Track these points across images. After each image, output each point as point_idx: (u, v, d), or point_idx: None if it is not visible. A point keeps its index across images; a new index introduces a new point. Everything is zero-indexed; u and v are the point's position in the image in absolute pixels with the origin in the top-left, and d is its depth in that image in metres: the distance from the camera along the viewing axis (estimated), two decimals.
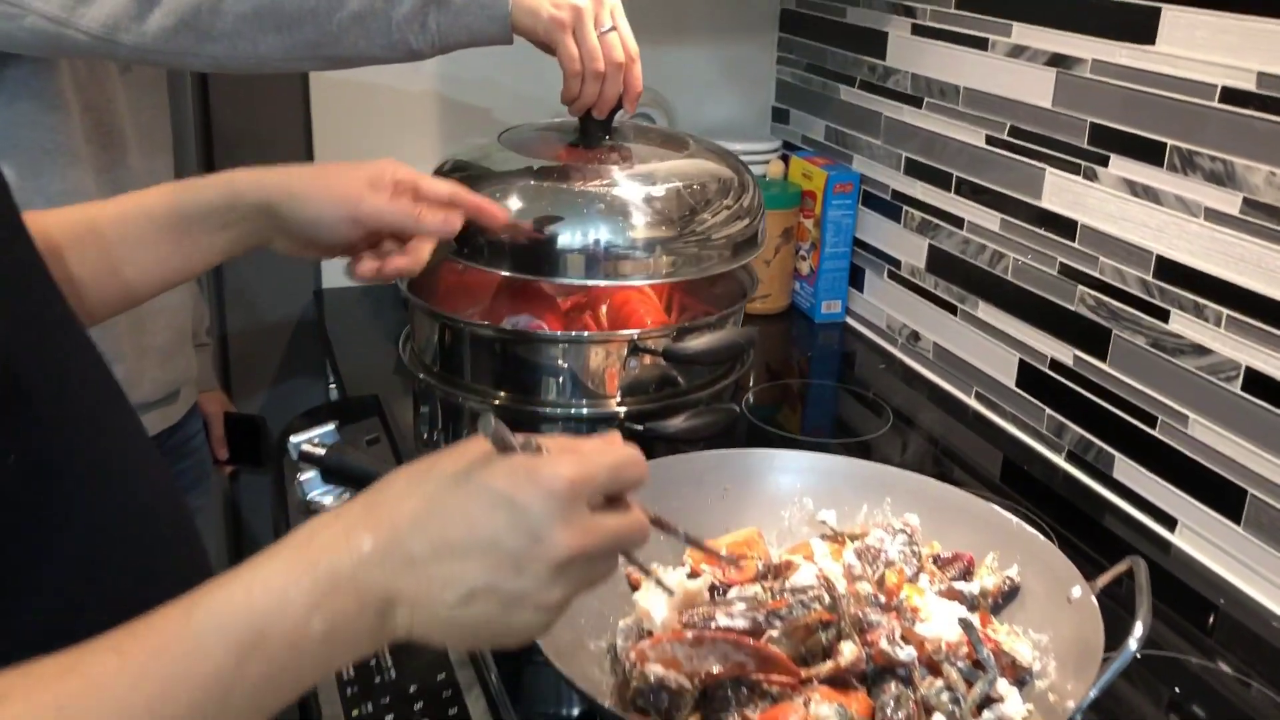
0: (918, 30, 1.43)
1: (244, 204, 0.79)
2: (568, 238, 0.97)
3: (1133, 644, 0.70)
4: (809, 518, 0.97)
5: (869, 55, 1.54)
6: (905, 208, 1.50)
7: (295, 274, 1.72)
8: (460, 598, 0.52)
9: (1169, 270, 1.08)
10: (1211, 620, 1.03)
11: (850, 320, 1.65)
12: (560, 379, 1.00)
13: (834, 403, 1.49)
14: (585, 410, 1.01)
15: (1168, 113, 1.06)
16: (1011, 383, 1.32)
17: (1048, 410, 1.26)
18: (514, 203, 1.00)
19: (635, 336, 0.97)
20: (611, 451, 0.56)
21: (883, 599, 0.83)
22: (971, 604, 0.83)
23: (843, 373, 1.55)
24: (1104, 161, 1.14)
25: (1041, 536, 0.88)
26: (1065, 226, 1.21)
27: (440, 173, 1.10)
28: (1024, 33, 1.24)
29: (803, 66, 1.73)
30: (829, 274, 1.63)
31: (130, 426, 0.65)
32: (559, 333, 0.98)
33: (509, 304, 1.13)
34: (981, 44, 1.30)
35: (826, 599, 0.78)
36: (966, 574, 0.89)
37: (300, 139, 1.66)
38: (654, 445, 1.01)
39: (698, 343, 0.95)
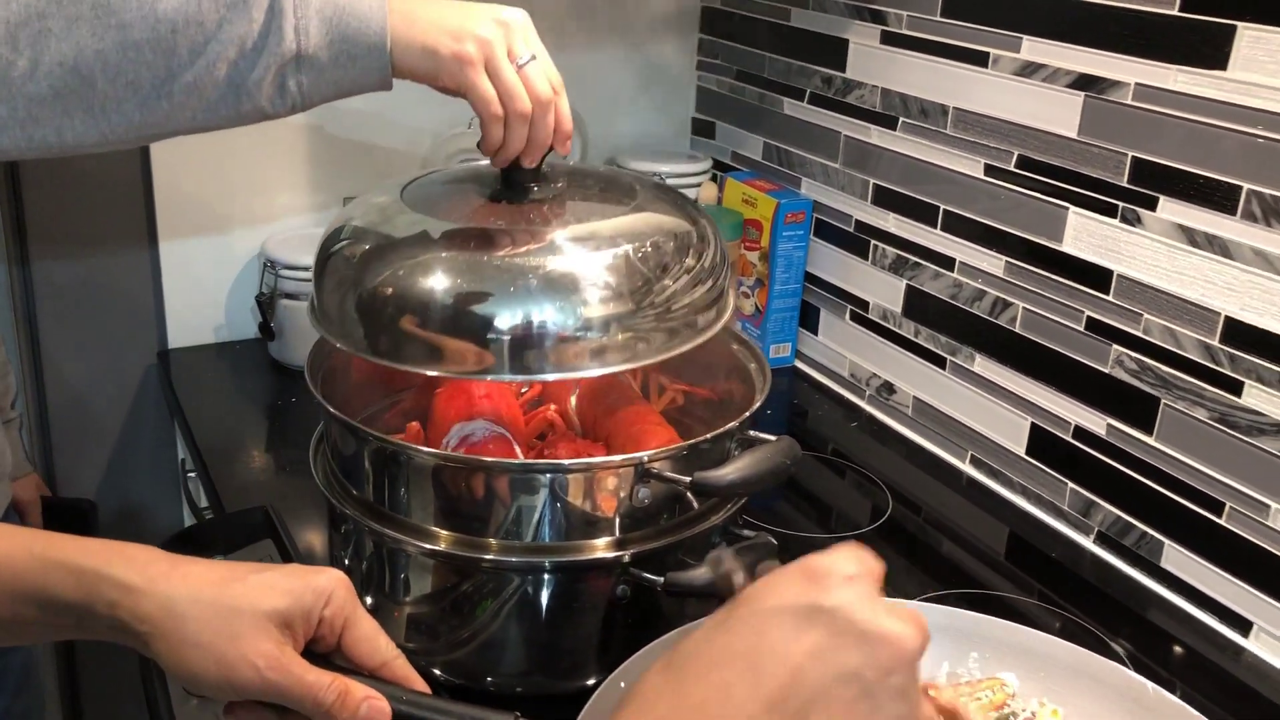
0: (890, 39, 1.23)
1: (104, 621, 0.60)
2: (502, 321, 0.74)
3: None
4: None
5: (822, 65, 1.34)
6: (874, 242, 1.30)
7: (133, 328, 1.40)
8: None
9: (1242, 335, 0.92)
10: None
11: (801, 365, 1.46)
12: (539, 517, 0.76)
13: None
14: (573, 557, 0.77)
15: (1244, 152, 0.89)
16: (1021, 450, 1.15)
17: (1070, 484, 1.10)
18: (437, 281, 0.76)
19: (645, 459, 0.74)
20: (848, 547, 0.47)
21: None
22: None
23: (798, 427, 1.35)
24: (1150, 204, 0.98)
25: (1191, 710, 0.70)
26: (1095, 276, 1.04)
27: (334, 244, 0.84)
28: (1039, 49, 1.06)
29: (731, 74, 1.52)
30: (778, 314, 1.42)
31: None
32: (541, 461, 0.74)
33: (449, 401, 0.87)
34: (979, 59, 1.12)
35: None
36: None
37: (138, 188, 1.35)
38: (677, 604, 0.78)
39: (733, 470, 0.73)
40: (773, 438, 0.79)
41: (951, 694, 0.69)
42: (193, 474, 1.28)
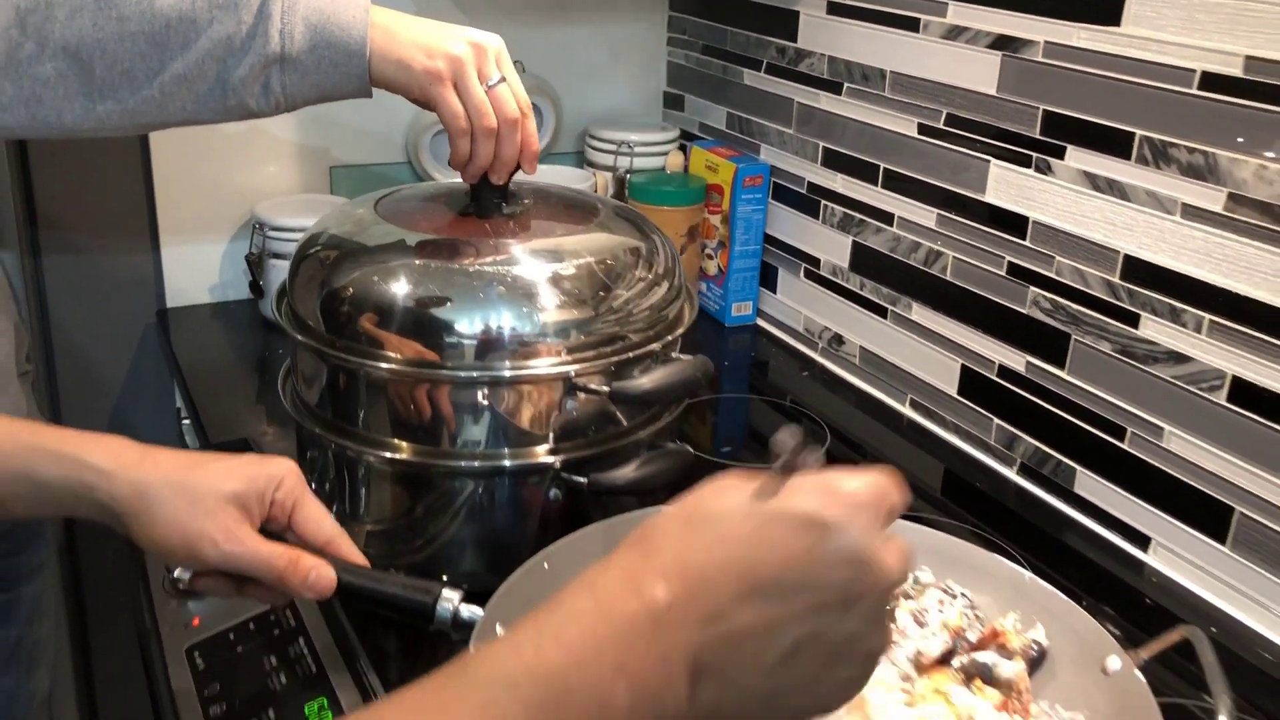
0: (834, 9, 1.31)
1: (83, 500, 0.69)
2: (464, 326, 0.82)
3: None
4: None
5: (777, 36, 1.42)
6: (824, 202, 1.39)
7: (134, 290, 1.49)
8: (781, 655, 0.43)
9: (1139, 271, 0.99)
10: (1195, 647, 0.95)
11: (762, 323, 1.54)
12: (479, 427, 0.85)
13: (749, 414, 1.37)
14: (509, 462, 0.85)
15: (1136, 101, 0.97)
16: (953, 390, 1.23)
17: (996, 420, 1.18)
18: (399, 286, 0.84)
19: (573, 373, 0.83)
20: (879, 474, 0.49)
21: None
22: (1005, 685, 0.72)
23: (757, 380, 1.44)
24: (1059, 153, 1.05)
25: (1061, 595, 0.78)
26: (1014, 223, 1.12)
27: (310, 249, 0.91)
28: (962, 13, 1.13)
29: (698, 48, 1.60)
30: (739, 274, 1.51)
31: None
32: (479, 373, 0.83)
33: None
34: (911, 24, 1.20)
35: None
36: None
37: (136, 155, 1.44)
38: (600, 501, 0.86)
39: (649, 380, 0.81)
40: (689, 357, 0.87)
41: None
42: (187, 421, 1.37)
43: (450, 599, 0.70)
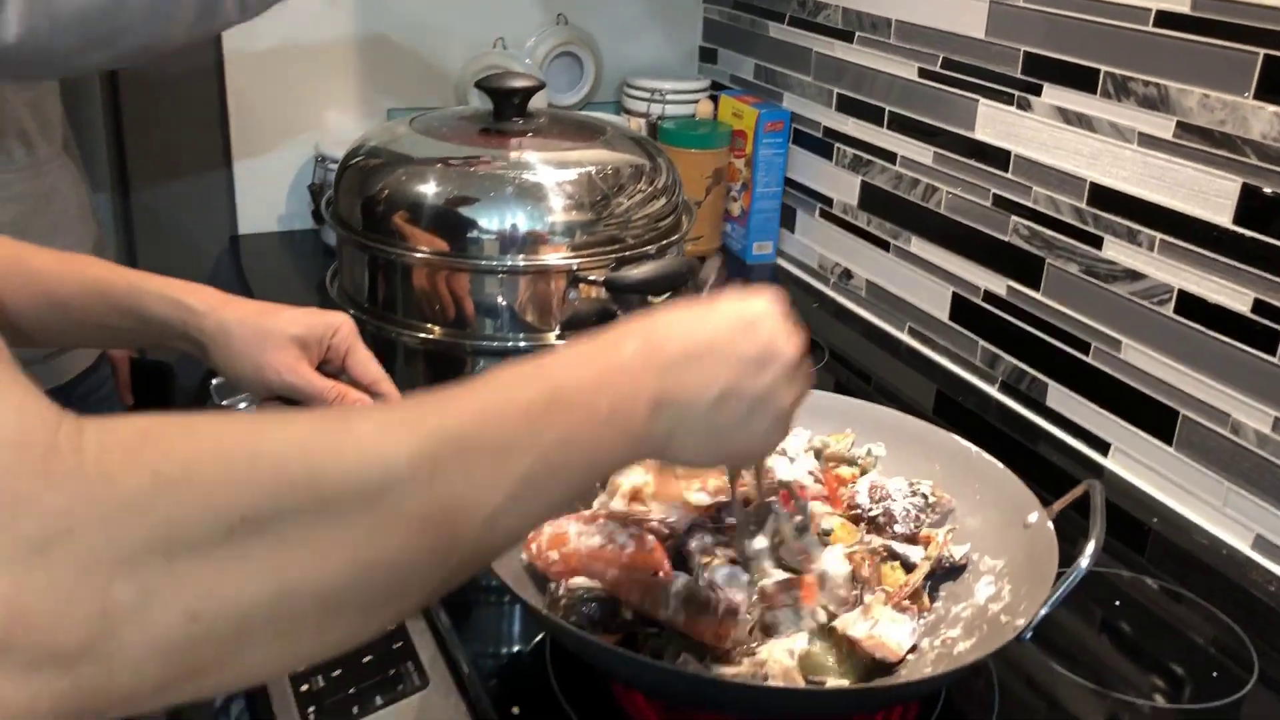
0: None
1: (178, 333, 0.82)
2: (483, 223, 0.96)
3: (1084, 562, 0.70)
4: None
5: None
6: (837, 144, 1.49)
7: (210, 217, 1.65)
8: (714, 400, 0.58)
9: (1102, 197, 1.09)
10: (1144, 539, 1.05)
11: (782, 261, 1.65)
12: (497, 312, 0.98)
13: None
14: (523, 343, 0.98)
15: (1101, 39, 1.06)
16: (945, 316, 1.32)
17: (981, 342, 1.27)
18: (429, 187, 0.99)
19: (575, 266, 0.95)
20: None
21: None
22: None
23: None
24: (1037, 91, 1.15)
25: (1000, 465, 0.89)
26: (998, 157, 1.21)
27: (353, 158, 1.05)
28: None
29: (730, 4, 1.71)
30: (760, 214, 1.61)
31: None
32: (495, 263, 0.95)
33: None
34: None
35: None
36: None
37: (214, 101, 1.60)
38: None
39: (639, 271, 0.93)
40: (678, 256, 0.99)
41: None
42: None
43: None
